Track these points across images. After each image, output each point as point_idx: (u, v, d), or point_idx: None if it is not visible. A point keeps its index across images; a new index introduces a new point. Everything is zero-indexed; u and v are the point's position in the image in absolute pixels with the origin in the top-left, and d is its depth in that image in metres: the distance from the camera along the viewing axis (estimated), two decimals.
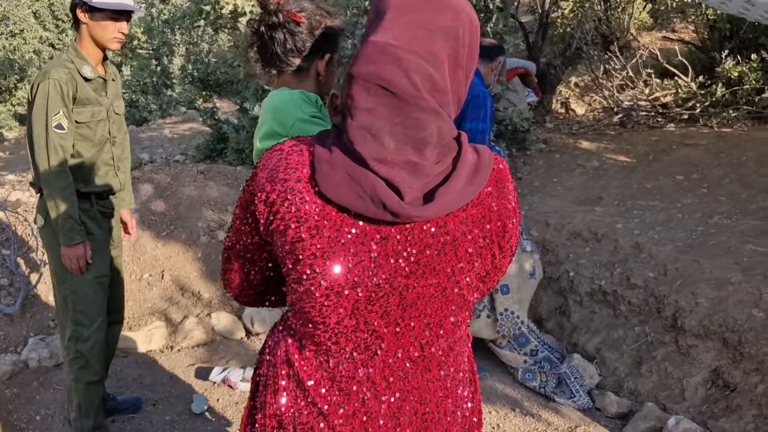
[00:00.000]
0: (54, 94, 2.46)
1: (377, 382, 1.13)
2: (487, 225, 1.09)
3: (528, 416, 3.15)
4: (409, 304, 1.09)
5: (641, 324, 3.61)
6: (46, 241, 2.67)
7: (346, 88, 1.03)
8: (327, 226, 1.04)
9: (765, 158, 4.72)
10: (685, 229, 4.01)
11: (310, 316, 1.11)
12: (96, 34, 2.53)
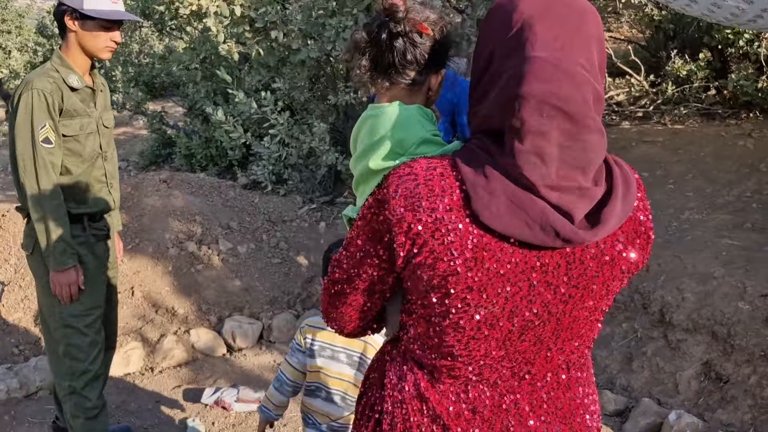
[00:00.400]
0: (39, 105, 2.25)
1: (522, 408, 1.08)
2: (638, 239, 1.05)
3: None
4: (564, 328, 1.05)
5: (628, 321, 3.68)
6: (34, 269, 2.45)
7: (515, 110, 0.95)
8: (486, 258, 0.97)
9: (722, 153, 4.92)
10: (660, 225, 4.12)
11: (451, 350, 1.04)
12: (86, 43, 2.34)
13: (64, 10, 2.31)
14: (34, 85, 2.25)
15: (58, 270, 2.32)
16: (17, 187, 2.33)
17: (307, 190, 5.17)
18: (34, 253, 2.41)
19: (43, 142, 2.27)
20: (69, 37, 2.36)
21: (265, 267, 4.39)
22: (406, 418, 1.10)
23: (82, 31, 2.33)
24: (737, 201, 4.22)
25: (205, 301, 4.07)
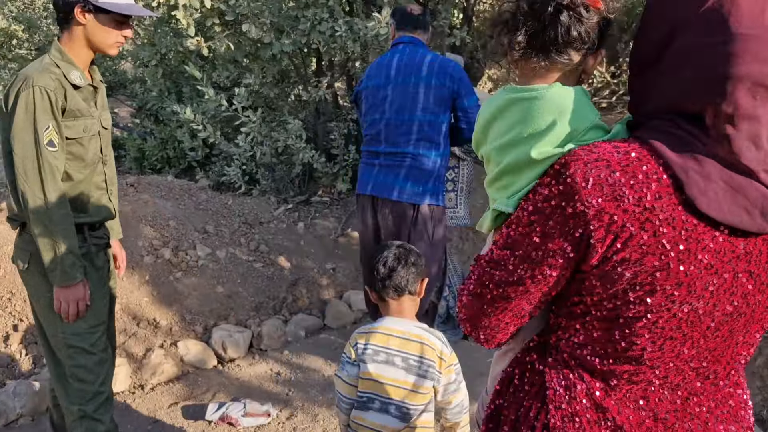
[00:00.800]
0: (41, 104, 2.03)
1: (706, 410, 1.00)
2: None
3: None
4: (756, 320, 0.98)
5: None
6: (32, 286, 2.21)
7: (725, 93, 0.86)
8: (698, 249, 0.88)
9: None
10: None
11: (640, 354, 0.95)
12: (96, 37, 2.13)
13: (75, 1, 2.09)
14: (35, 81, 2.02)
15: (65, 285, 2.09)
16: (14, 195, 2.09)
17: (280, 189, 4.98)
18: (30, 267, 2.17)
19: (47, 145, 2.04)
20: (74, 30, 2.14)
21: (247, 272, 4.19)
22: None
23: (93, 25, 2.12)
24: None
25: (188, 310, 3.83)
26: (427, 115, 2.98)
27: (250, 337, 3.74)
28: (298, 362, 3.54)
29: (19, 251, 2.19)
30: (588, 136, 1.05)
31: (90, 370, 2.21)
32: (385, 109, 3.07)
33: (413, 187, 3.03)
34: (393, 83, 3.05)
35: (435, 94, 2.96)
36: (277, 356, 3.62)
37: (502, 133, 1.13)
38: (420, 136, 3.00)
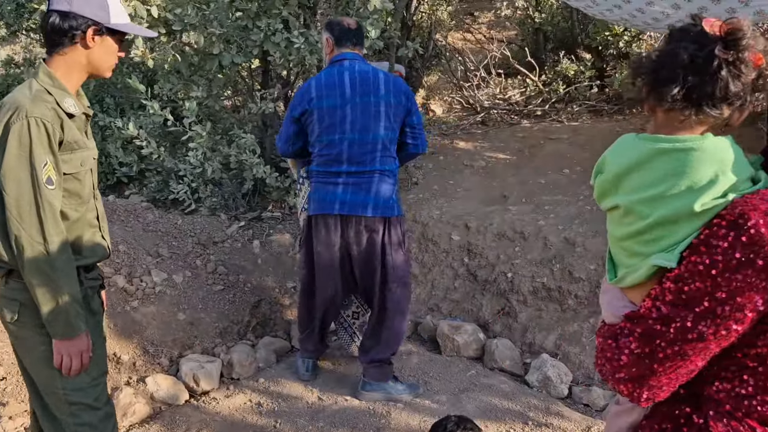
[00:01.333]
0: (39, 138, 1.82)
1: None
2: None
3: (537, 425, 3.14)
4: None
5: (594, 315, 3.82)
6: (21, 339, 1.99)
7: None
8: None
9: None
10: (602, 220, 4.31)
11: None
12: (99, 60, 1.96)
13: (86, 24, 1.89)
14: (29, 112, 1.81)
15: (68, 338, 1.89)
16: (7, 237, 1.85)
17: (229, 206, 4.77)
18: (20, 319, 1.95)
19: (46, 183, 1.83)
20: (75, 53, 1.93)
21: (207, 296, 3.97)
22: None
23: (100, 48, 1.94)
24: None
25: (150, 341, 3.58)
26: (388, 132, 3.08)
27: (220, 366, 3.54)
28: (277, 390, 3.40)
29: (6, 301, 1.96)
30: (744, 186, 1.05)
31: (95, 427, 2.02)
32: (346, 129, 3.05)
33: (384, 202, 3.10)
34: (351, 103, 3.04)
35: (394, 112, 3.08)
36: (252, 385, 3.45)
37: (648, 185, 1.11)
38: (383, 153, 3.09)
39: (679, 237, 1.07)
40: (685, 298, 1.00)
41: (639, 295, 1.17)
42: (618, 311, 1.23)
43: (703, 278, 0.99)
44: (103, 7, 1.90)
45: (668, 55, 1.08)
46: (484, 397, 3.33)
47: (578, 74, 6.26)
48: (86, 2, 1.90)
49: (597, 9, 4.45)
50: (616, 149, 1.24)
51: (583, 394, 3.47)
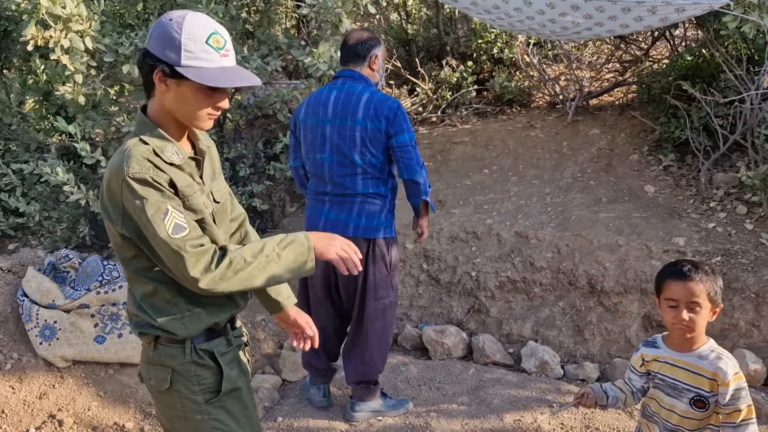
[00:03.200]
0: (148, 193, 1.65)
1: None
2: None
3: (560, 405, 3.39)
4: None
5: (561, 299, 4.19)
6: (171, 408, 1.81)
7: None
8: None
9: (525, 144, 5.79)
10: (540, 212, 4.73)
11: None
12: (174, 106, 1.72)
13: (153, 64, 1.67)
14: (128, 170, 1.63)
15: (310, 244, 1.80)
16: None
17: None
18: (172, 387, 1.79)
19: (173, 233, 1.63)
20: (158, 97, 1.72)
21: None
22: None
23: (177, 93, 1.69)
24: (576, 182, 5.08)
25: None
26: (367, 157, 3.01)
27: None
28: (303, 425, 3.29)
29: (154, 369, 1.79)
30: None
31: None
32: (326, 150, 3.06)
33: (367, 222, 3.08)
34: (330, 123, 3.03)
35: (371, 137, 2.98)
36: (274, 425, 3.30)
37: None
38: (365, 177, 3.04)
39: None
40: None
41: None
42: None
43: None
44: (174, 47, 1.65)
45: None
46: (500, 390, 3.52)
47: (461, 80, 6.69)
48: (157, 40, 1.68)
49: (506, 21, 4.84)
50: None
51: (577, 370, 3.80)
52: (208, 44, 1.65)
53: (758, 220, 4.20)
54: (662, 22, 4.27)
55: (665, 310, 1.97)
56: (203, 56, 1.67)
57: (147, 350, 1.80)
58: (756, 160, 4.34)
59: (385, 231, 3.11)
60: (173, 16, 1.67)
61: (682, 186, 4.78)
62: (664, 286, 1.97)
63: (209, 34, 1.66)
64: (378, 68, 3.13)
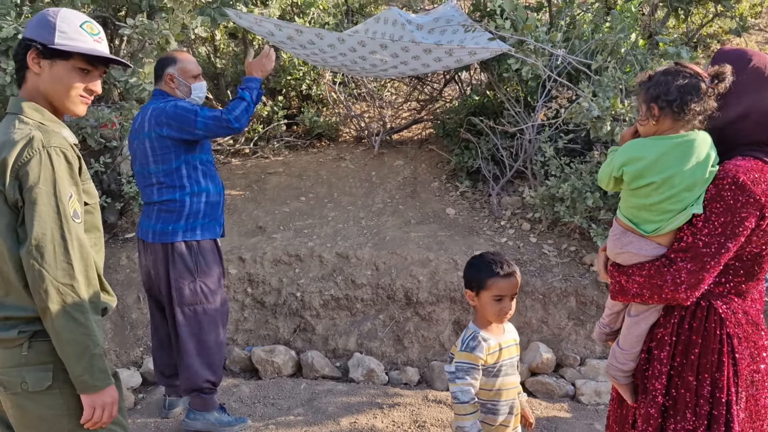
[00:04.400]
0: (60, 168, 1.67)
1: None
2: None
3: (390, 407, 3.65)
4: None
5: (381, 312, 4.49)
6: (48, 408, 1.73)
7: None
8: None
9: (337, 174, 6.13)
10: (357, 234, 5.03)
11: (759, 274, 1.80)
12: (52, 90, 1.76)
13: (25, 46, 1.73)
14: (46, 142, 1.65)
15: (103, 388, 1.74)
16: (24, 290, 1.64)
17: None
18: (53, 385, 1.72)
19: (73, 217, 1.68)
20: (30, 83, 1.76)
21: None
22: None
23: (49, 75, 1.74)
24: (386, 206, 5.49)
25: None
26: (159, 166, 3.22)
27: None
28: None
29: (32, 369, 1.70)
30: (716, 158, 1.82)
31: None
32: (135, 164, 3.34)
33: (163, 228, 3.24)
34: (135, 138, 3.31)
35: (158, 145, 3.18)
36: None
37: (672, 165, 1.78)
38: (160, 186, 3.24)
39: (695, 195, 1.78)
40: (716, 229, 1.73)
41: (667, 239, 1.84)
42: (649, 252, 1.87)
43: (724, 214, 1.72)
44: (48, 27, 1.72)
45: (691, 88, 1.76)
46: (333, 399, 3.68)
47: (271, 114, 6.88)
48: (32, 25, 1.75)
49: (318, 57, 5.16)
50: (638, 149, 1.84)
51: (401, 375, 4.11)
52: (82, 28, 1.74)
53: (540, 234, 4.91)
54: (457, 63, 4.89)
55: (490, 304, 2.17)
56: (77, 37, 1.75)
57: (15, 353, 1.70)
58: (535, 184, 5.09)
59: (185, 234, 3.20)
60: (49, 9, 1.75)
61: (476, 208, 5.41)
62: (489, 284, 2.17)
63: (83, 21, 1.76)
64: (177, 84, 3.29)
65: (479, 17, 5.17)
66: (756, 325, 1.84)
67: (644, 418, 1.90)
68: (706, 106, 1.78)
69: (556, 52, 4.19)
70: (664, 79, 1.82)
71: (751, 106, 1.79)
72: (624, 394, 2.01)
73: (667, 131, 1.84)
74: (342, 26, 7.35)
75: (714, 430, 1.80)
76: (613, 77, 3.89)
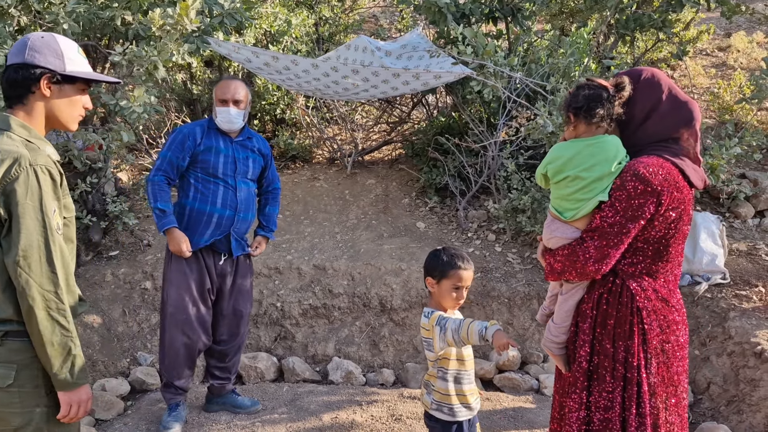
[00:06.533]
0: (46, 185, 1.86)
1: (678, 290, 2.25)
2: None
3: (368, 403, 3.90)
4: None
5: (358, 319, 4.76)
6: (8, 407, 1.87)
7: (691, 125, 2.13)
8: (689, 199, 2.11)
9: (312, 193, 6.41)
10: (333, 247, 5.31)
11: (667, 256, 2.14)
12: (59, 111, 1.98)
13: (40, 73, 1.93)
14: (33, 160, 1.84)
15: (79, 386, 1.92)
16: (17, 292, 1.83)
17: None
18: (15, 383, 1.87)
19: (56, 230, 1.88)
20: (35, 106, 1.96)
21: None
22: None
23: (58, 97, 1.98)
24: (360, 222, 5.79)
25: None
26: None
27: None
28: None
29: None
30: (624, 158, 2.17)
31: None
32: None
33: None
34: None
35: None
36: None
37: (584, 162, 2.14)
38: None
39: (603, 186, 2.13)
40: (619, 213, 2.07)
41: (583, 223, 2.19)
42: (569, 235, 2.22)
43: (626, 201, 2.06)
44: (58, 55, 1.95)
45: (595, 96, 2.14)
46: (315, 398, 3.93)
47: None
48: (38, 52, 1.94)
49: (292, 83, 5.49)
50: (558, 150, 2.24)
51: (377, 377, 4.37)
52: (78, 54, 2.02)
53: (504, 244, 5.25)
54: (424, 86, 5.26)
55: (449, 292, 2.47)
56: (79, 62, 2.02)
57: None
58: (499, 198, 5.44)
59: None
60: (41, 34, 1.98)
61: (445, 222, 5.74)
62: (450, 274, 2.47)
63: (76, 47, 2.03)
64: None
65: (443, 44, 5.55)
66: (666, 302, 2.16)
67: (573, 381, 2.22)
68: (612, 111, 2.15)
69: (514, 74, 4.58)
70: (576, 91, 2.22)
71: (650, 110, 2.16)
72: (558, 363, 2.34)
73: (582, 134, 2.21)
74: (313, 54, 7.71)
75: (628, 390, 2.13)
76: (566, 97, 4.28)
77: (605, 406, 2.16)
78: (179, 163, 3.45)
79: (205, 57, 7.74)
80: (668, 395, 2.18)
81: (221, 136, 3.50)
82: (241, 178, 3.50)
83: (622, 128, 2.22)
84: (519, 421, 3.63)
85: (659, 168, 2.08)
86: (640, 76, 2.19)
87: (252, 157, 3.57)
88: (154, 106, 4.02)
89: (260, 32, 7.51)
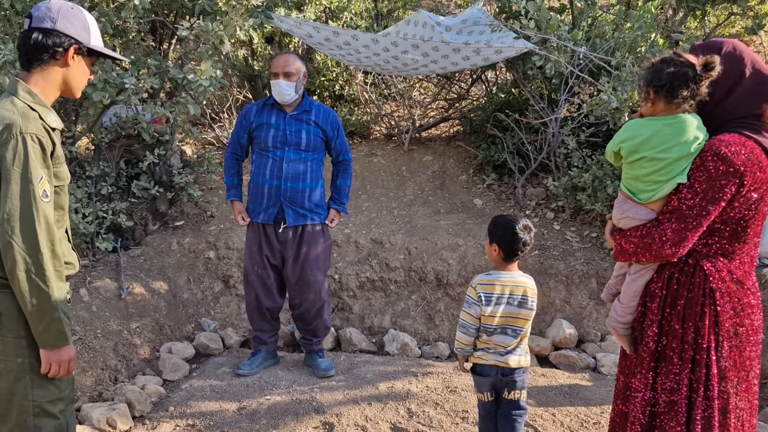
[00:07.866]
0: (34, 153, 1.93)
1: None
2: None
3: (423, 375, 3.96)
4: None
5: (414, 293, 4.81)
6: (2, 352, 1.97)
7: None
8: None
9: (370, 169, 6.47)
10: (390, 222, 5.37)
11: (745, 237, 2.08)
12: (75, 79, 2.11)
13: (69, 42, 2.04)
14: (24, 128, 1.91)
15: (59, 347, 2.00)
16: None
17: None
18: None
19: (42, 197, 1.94)
20: (53, 71, 2.05)
21: None
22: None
23: (77, 67, 2.10)
24: (417, 198, 5.82)
25: None
26: None
27: (126, 406, 3.47)
28: (196, 411, 3.51)
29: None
30: (704, 137, 2.11)
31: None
32: None
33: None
34: None
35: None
36: (167, 414, 3.48)
37: (663, 142, 2.08)
38: None
39: (681, 167, 2.07)
40: (698, 195, 2.01)
41: (658, 205, 2.14)
42: (643, 216, 2.17)
43: (706, 182, 2.00)
44: (86, 28, 2.08)
45: (680, 75, 2.06)
46: (371, 368, 4.01)
47: None
48: (70, 22, 2.05)
49: (353, 58, 5.51)
50: (634, 128, 2.15)
51: (432, 350, 4.42)
52: (97, 29, 2.15)
53: (563, 222, 5.20)
54: (485, 61, 5.21)
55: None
56: (98, 37, 2.16)
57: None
58: (558, 175, 5.37)
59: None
60: (70, 4, 2.07)
61: (503, 199, 5.71)
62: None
63: (95, 22, 2.15)
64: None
65: (505, 18, 5.47)
66: (741, 284, 2.09)
67: (639, 362, 2.19)
68: (696, 92, 2.06)
69: (578, 49, 4.49)
70: (659, 66, 2.11)
71: (732, 86, 2.07)
72: (623, 344, 2.30)
73: (661, 112, 2.13)
74: (372, 29, 7.72)
75: (696, 372, 2.08)
76: (631, 71, 4.17)
77: (671, 388, 2.11)
78: (240, 140, 3.82)
79: (266, 33, 7.85)
80: (740, 380, 2.12)
81: (275, 112, 3.67)
82: (292, 150, 3.64)
83: (701, 105, 2.14)
84: (575, 398, 3.62)
85: (741, 147, 1.99)
86: (721, 49, 2.08)
87: (306, 129, 3.68)
88: (220, 79, 4.13)
89: (320, 8, 7.57)
